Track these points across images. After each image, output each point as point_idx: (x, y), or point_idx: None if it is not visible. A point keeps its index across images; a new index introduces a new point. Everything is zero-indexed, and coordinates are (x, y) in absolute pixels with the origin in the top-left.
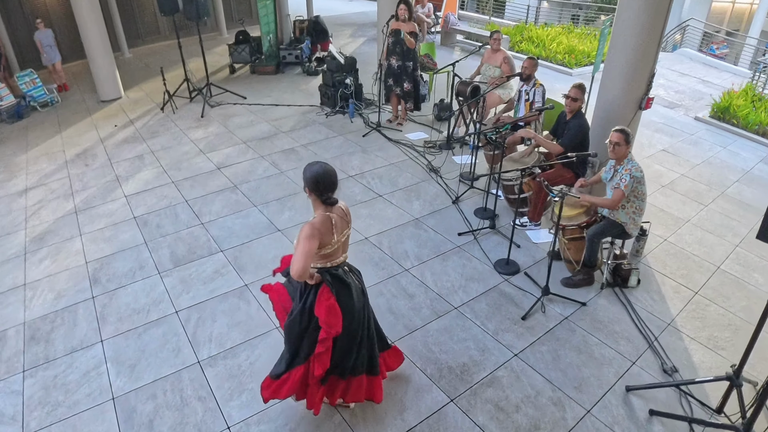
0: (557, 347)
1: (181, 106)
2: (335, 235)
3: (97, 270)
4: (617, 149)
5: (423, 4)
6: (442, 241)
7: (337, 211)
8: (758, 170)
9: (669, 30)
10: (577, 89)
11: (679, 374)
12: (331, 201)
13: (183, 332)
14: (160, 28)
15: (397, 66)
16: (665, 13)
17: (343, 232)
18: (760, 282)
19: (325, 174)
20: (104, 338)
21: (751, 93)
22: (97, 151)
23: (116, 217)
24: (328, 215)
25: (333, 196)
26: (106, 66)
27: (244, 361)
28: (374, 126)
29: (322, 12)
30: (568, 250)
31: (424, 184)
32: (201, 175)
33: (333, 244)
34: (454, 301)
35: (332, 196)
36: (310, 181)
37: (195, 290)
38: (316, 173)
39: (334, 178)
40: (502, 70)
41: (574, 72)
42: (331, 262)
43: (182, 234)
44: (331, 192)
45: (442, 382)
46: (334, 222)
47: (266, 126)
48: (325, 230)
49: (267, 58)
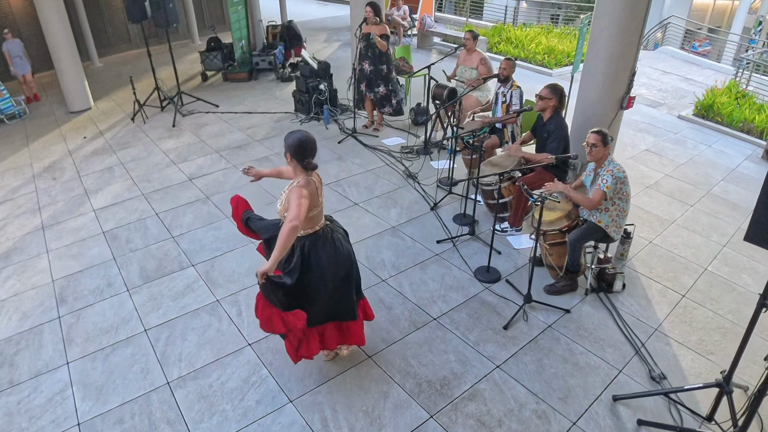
0: (541, 357)
1: (152, 115)
2: (320, 197)
3: (64, 288)
4: (595, 151)
5: (398, 6)
6: (421, 249)
7: (315, 177)
8: (744, 168)
9: (650, 28)
10: (548, 89)
11: (668, 381)
12: (312, 166)
13: (152, 352)
14: (131, 36)
15: (369, 70)
16: (644, 10)
17: (322, 195)
18: (749, 283)
19: (307, 140)
20: (70, 360)
21: (734, 90)
22: (65, 164)
23: (84, 232)
24: (311, 179)
25: (313, 161)
26: (75, 76)
27: (215, 381)
28: (350, 132)
29: (295, 17)
30: (550, 256)
31: (401, 190)
32: (172, 186)
33: (318, 206)
34: (433, 312)
35: (312, 161)
36: (294, 147)
37: (165, 307)
38: (299, 139)
39: (314, 144)
40: (479, 71)
41: (554, 72)
42: (317, 226)
43: (152, 249)
44: (311, 157)
45: (422, 397)
46: (316, 185)
47: (239, 134)
48: (311, 191)
49: (240, 64)
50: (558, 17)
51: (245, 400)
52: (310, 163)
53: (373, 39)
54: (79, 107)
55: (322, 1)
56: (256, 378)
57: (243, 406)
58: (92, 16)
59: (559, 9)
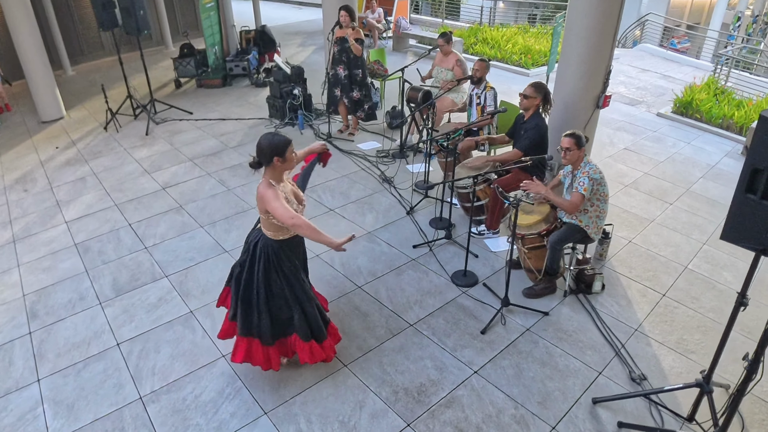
0: (519, 361)
1: (125, 124)
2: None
3: (35, 303)
4: (569, 154)
5: (373, 9)
6: (397, 254)
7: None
8: (723, 165)
9: (628, 25)
10: (532, 87)
11: (648, 382)
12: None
13: (125, 366)
14: (104, 43)
15: (343, 75)
16: (618, 7)
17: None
18: (730, 280)
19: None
20: (41, 377)
21: (713, 86)
22: (37, 175)
23: (56, 244)
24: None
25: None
26: (46, 85)
27: (189, 394)
28: (325, 137)
29: (269, 21)
30: (529, 260)
31: (377, 195)
32: (146, 196)
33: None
34: (410, 318)
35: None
36: (284, 146)
37: (138, 320)
38: (282, 139)
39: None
40: (455, 73)
41: (531, 72)
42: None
43: (125, 260)
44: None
45: (398, 405)
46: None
47: (213, 141)
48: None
49: (213, 70)
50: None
51: (219, 413)
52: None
53: (350, 44)
54: (50, 117)
55: (297, 5)
56: (230, 390)
57: (217, 419)
58: (63, 24)
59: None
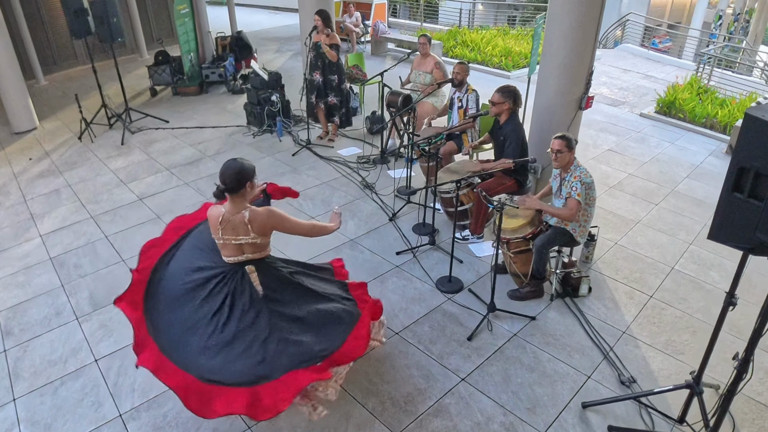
0: (507, 367)
1: (99, 134)
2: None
3: (10, 320)
4: (560, 157)
5: (350, 13)
6: (380, 262)
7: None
8: (708, 164)
9: (609, 26)
10: (498, 93)
11: (638, 384)
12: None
13: (103, 383)
14: (77, 52)
15: (320, 81)
16: (599, 7)
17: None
18: (717, 280)
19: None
20: (17, 396)
21: (696, 85)
22: (10, 188)
23: (31, 259)
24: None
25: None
26: (19, 95)
27: (169, 411)
28: (304, 144)
29: (245, 27)
30: (515, 264)
31: (358, 202)
32: (122, 207)
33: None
34: (395, 326)
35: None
36: (253, 170)
37: (116, 334)
38: (250, 164)
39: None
40: (434, 76)
41: (512, 75)
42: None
43: (102, 273)
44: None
45: (385, 415)
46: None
47: (190, 150)
48: None
49: (189, 78)
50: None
51: (201, 429)
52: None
53: (323, 49)
54: (23, 128)
55: (273, 11)
56: None
57: None
58: (35, 32)
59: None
